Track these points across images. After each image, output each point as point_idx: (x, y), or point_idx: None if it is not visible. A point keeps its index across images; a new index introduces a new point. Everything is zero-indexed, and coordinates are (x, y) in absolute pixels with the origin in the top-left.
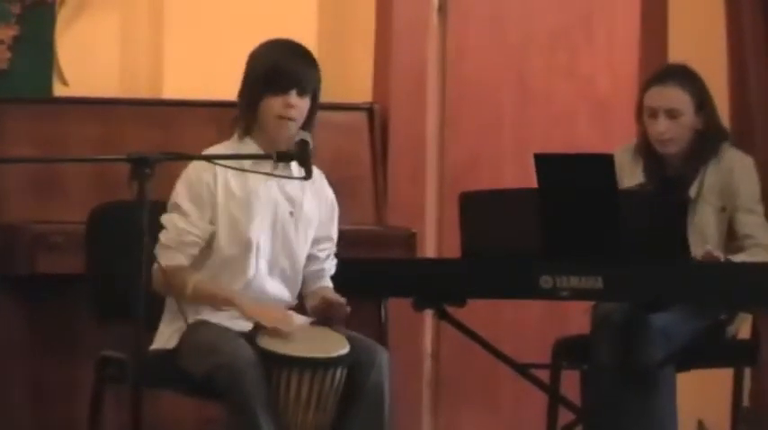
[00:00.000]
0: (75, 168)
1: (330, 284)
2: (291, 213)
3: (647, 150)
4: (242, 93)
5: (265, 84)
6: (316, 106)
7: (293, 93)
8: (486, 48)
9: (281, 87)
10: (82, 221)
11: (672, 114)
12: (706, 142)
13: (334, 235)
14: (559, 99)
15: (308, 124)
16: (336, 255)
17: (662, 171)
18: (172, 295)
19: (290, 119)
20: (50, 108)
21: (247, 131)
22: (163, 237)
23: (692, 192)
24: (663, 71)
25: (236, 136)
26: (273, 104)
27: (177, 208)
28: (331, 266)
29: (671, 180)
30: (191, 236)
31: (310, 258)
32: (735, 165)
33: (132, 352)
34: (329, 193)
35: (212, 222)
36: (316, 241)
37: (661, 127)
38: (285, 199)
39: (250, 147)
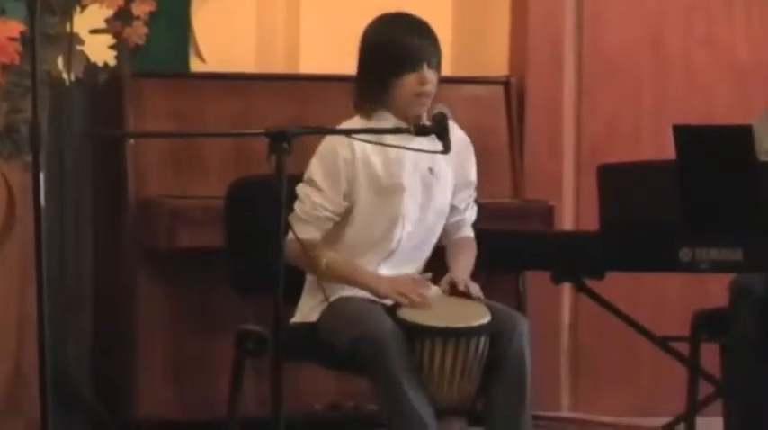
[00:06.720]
0: (212, 143)
1: (471, 233)
2: (431, 169)
3: None
4: (365, 71)
5: (397, 62)
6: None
7: (425, 67)
8: (622, 18)
9: (415, 64)
10: (220, 196)
11: None
12: None
13: (473, 177)
14: (697, 68)
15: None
16: (475, 227)
17: None
18: (303, 268)
19: (426, 94)
20: (187, 83)
21: (376, 109)
22: (298, 208)
23: None
24: None
25: (367, 111)
26: (409, 82)
27: (312, 182)
28: (471, 215)
29: None
30: (325, 211)
31: (451, 209)
32: None
33: (272, 325)
34: (460, 133)
35: (348, 198)
36: (456, 189)
37: None
38: (425, 157)
39: (388, 120)
